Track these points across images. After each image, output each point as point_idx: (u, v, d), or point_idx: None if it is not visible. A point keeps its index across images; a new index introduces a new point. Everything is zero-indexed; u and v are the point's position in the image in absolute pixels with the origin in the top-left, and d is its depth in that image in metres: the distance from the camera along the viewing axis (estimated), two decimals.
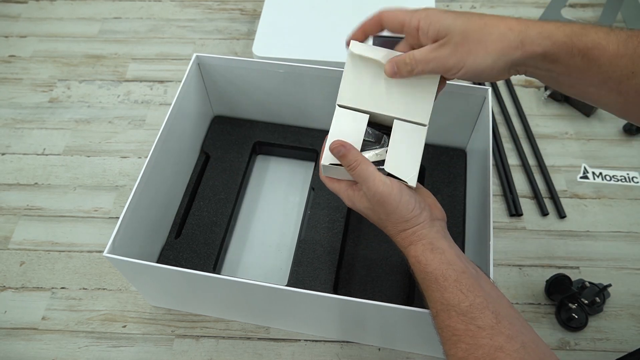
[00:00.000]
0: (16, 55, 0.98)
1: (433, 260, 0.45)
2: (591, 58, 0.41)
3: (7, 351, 0.66)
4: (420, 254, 0.45)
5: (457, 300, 0.42)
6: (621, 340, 0.66)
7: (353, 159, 0.46)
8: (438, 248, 0.45)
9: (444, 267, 0.44)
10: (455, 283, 0.43)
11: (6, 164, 0.83)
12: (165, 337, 0.66)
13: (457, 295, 0.42)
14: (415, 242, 0.46)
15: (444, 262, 0.44)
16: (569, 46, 0.41)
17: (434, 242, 0.46)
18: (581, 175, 0.81)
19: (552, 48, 0.41)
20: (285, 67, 0.70)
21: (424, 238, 0.46)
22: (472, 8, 1.04)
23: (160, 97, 0.91)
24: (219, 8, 1.05)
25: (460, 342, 0.41)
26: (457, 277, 0.43)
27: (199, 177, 0.75)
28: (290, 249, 0.72)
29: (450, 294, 0.43)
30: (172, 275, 0.56)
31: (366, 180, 0.46)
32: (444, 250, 0.45)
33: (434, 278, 0.44)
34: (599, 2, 1.03)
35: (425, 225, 0.47)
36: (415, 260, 0.46)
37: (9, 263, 0.73)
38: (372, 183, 0.46)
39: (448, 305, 0.42)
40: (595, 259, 0.72)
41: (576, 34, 0.41)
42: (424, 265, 0.45)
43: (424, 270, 0.45)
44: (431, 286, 0.44)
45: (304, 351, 0.65)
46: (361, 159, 0.47)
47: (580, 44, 0.41)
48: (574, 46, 0.41)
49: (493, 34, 0.42)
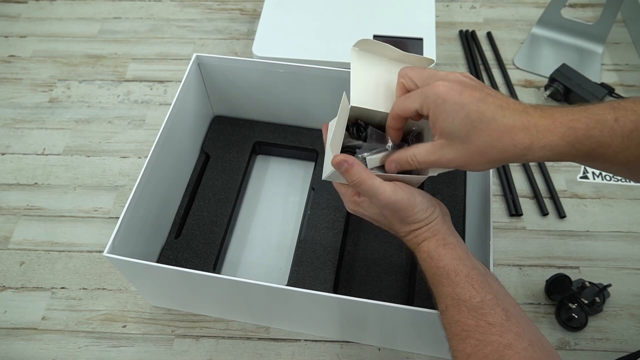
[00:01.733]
0: (16, 55, 0.98)
1: (445, 256, 0.45)
2: (595, 156, 0.41)
3: (7, 351, 0.66)
4: (433, 249, 0.46)
5: (469, 296, 0.42)
6: (621, 340, 0.66)
7: (357, 175, 0.46)
8: (450, 243, 0.46)
9: (455, 262, 0.44)
10: (467, 278, 0.43)
11: (6, 164, 0.83)
12: (165, 337, 0.66)
13: (468, 291, 0.43)
14: (429, 238, 0.47)
15: (455, 258, 0.45)
16: (572, 153, 0.41)
17: (447, 238, 0.46)
18: (581, 175, 0.81)
19: (555, 157, 0.41)
20: (285, 67, 0.70)
21: (438, 233, 0.46)
22: (472, 8, 1.04)
23: (160, 97, 0.91)
24: (219, 8, 1.05)
25: (469, 338, 0.41)
26: (468, 272, 0.44)
27: (199, 177, 0.75)
28: (290, 249, 0.72)
29: (462, 289, 0.43)
30: (172, 275, 0.56)
31: (375, 195, 0.46)
32: (455, 245, 0.46)
33: (446, 273, 0.44)
34: (599, 2, 1.03)
35: (439, 221, 0.47)
36: (427, 256, 0.46)
37: (9, 263, 0.73)
38: (381, 196, 0.46)
39: (459, 300, 0.43)
40: (595, 259, 0.72)
41: (580, 139, 0.40)
42: (436, 261, 0.45)
43: (436, 265, 0.45)
44: (442, 281, 0.44)
45: (304, 351, 0.65)
46: (365, 176, 0.45)
47: (584, 149, 0.40)
48: (578, 151, 0.41)
49: (496, 148, 0.41)
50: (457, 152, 0.43)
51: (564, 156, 0.41)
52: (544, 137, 0.40)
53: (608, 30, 0.92)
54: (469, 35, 0.99)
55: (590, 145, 0.40)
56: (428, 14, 0.88)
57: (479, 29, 1.00)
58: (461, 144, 0.42)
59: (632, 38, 0.98)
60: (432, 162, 0.45)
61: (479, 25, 1.01)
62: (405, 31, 0.85)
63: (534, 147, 0.41)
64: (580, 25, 0.94)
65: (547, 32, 0.97)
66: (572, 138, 0.40)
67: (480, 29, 1.01)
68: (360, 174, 0.45)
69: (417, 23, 0.87)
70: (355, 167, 0.46)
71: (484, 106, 0.41)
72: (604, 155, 0.40)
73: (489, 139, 0.41)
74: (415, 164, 0.46)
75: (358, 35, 0.85)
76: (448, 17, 1.03)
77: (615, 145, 0.40)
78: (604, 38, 0.93)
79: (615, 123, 0.40)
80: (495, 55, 0.96)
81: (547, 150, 0.41)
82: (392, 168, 0.48)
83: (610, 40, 0.96)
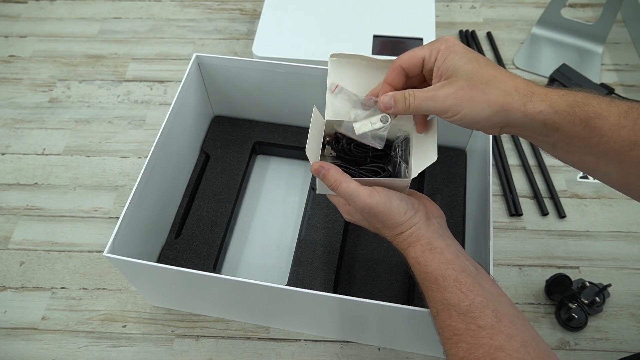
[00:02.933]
0: (16, 55, 0.98)
1: (432, 261, 0.45)
2: (593, 127, 0.41)
3: (7, 351, 0.66)
4: (420, 255, 0.45)
5: (457, 300, 0.42)
6: (621, 340, 0.66)
7: (333, 179, 0.47)
8: (437, 248, 0.45)
9: (443, 266, 0.44)
10: (455, 282, 0.43)
11: (6, 164, 0.83)
12: (165, 337, 0.66)
13: (456, 295, 0.42)
14: (414, 244, 0.46)
15: (443, 262, 0.44)
16: (571, 115, 0.41)
17: (432, 242, 0.46)
18: (581, 175, 0.81)
19: (554, 116, 0.41)
20: (285, 67, 0.70)
21: (422, 238, 0.46)
22: (472, 8, 1.04)
23: (160, 97, 0.91)
24: (219, 8, 1.05)
25: (461, 342, 0.41)
26: (456, 276, 0.43)
27: (199, 177, 0.75)
28: (290, 249, 0.72)
29: (450, 294, 0.43)
30: (172, 275, 0.56)
31: (351, 197, 0.46)
32: (442, 249, 0.45)
33: (434, 278, 0.44)
34: (599, 2, 1.03)
35: (422, 226, 0.47)
36: (415, 262, 0.46)
37: (9, 263, 0.73)
38: (357, 199, 0.46)
39: (448, 305, 0.43)
40: (595, 259, 0.72)
41: (578, 103, 0.41)
42: (424, 266, 0.45)
43: (424, 271, 0.45)
44: (431, 286, 0.44)
45: (304, 351, 0.65)
46: (341, 179, 0.47)
47: (582, 114, 0.41)
48: (576, 115, 0.41)
49: (499, 88, 0.42)
50: (457, 89, 0.43)
51: (564, 118, 0.41)
52: (544, 93, 0.42)
53: (608, 30, 0.92)
54: (469, 35, 0.99)
55: (588, 113, 0.40)
56: (428, 14, 0.88)
57: (479, 29, 1.00)
58: (464, 80, 0.42)
59: (632, 38, 0.98)
60: (429, 97, 0.44)
61: (479, 25, 1.01)
62: (405, 31, 0.85)
63: (535, 98, 0.41)
64: (580, 25, 0.94)
65: (547, 32, 0.97)
66: (571, 100, 0.41)
67: (480, 29, 1.01)
68: (336, 177, 0.47)
69: (417, 23, 0.87)
70: (332, 171, 0.47)
71: (491, 61, 0.44)
72: (600, 129, 0.40)
73: (493, 80, 0.42)
74: (410, 99, 0.45)
75: (358, 35, 0.85)
76: (448, 17, 1.03)
77: (612, 120, 0.40)
78: (604, 38, 0.93)
79: (612, 101, 0.41)
80: (495, 55, 0.96)
81: (547, 105, 0.41)
82: (385, 101, 0.46)
83: (610, 40, 0.96)
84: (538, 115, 0.41)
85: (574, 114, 0.41)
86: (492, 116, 0.42)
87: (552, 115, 0.41)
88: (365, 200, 0.46)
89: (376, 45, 0.84)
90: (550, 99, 0.41)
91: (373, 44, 0.84)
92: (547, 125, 0.42)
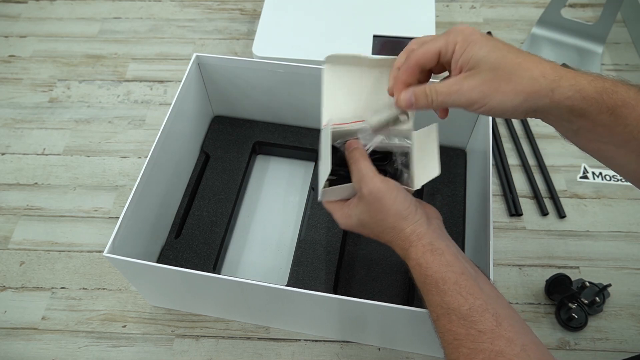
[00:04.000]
0: (16, 55, 0.98)
1: (433, 263, 0.44)
2: (619, 116, 0.39)
3: (7, 351, 0.66)
4: (421, 256, 0.45)
5: (457, 304, 0.42)
6: (621, 340, 0.66)
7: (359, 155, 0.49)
8: (437, 249, 0.45)
9: (443, 269, 0.44)
10: (455, 286, 0.43)
11: (6, 164, 0.83)
12: (165, 337, 0.66)
13: (456, 299, 0.42)
14: (415, 243, 0.46)
15: (443, 264, 0.44)
16: (598, 102, 0.40)
17: (434, 242, 0.45)
18: (581, 175, 0.81)
19: (582, 102, 0.40)
20: (285, 67, 0.70)
21: (423, 237, 0.46)
22: (472, 8, 1.04)
23: (160, 97, 0.91)
24: (219, 8, 1.05)
25: (461, 347, 0.41)
26: (456, 279, 0.43)
27: (198, 177, 0.75)
28: (290, 249, 0.72)
29: (450, 298, 0.42)
30: (172, 275, 0.56)
31: (364, 176, 0.47)
32: (443, 250, 0.45)
33: (434, 282, 0.44)
34: (599, 2, 1.03)
35: (423, 223, 0.47)
36: (416, 264, 0.45)
37: (9, 263, 0.73)
38: (369, 179, 0.47)
39: (448, 309, 0.42)
40: (595, 259, 0.72)
41: (607, 90, 0.40)
42: (425, 269, 0.45)
43: (424, 274, 0.45)
44: (431, 290, 0.44)
45: (304, 351, 0.65)
46: (365, 158, 0.48)
47: (610, 101, 0.39)
48: (604, 103, 0.39)
49: (525, 77, 0.40)
50: (483, 80, 0.41)
51: (591, 105, 0.40)
52: (573, 77, 0.40)
53: (608, 30, 0.92)
54: None
55: (616, 101, 0.39)
56: (428, 14, 0.88)
57: (479, 29, 1.00)
58: (489, 71, 0.41)
59: (632, 38, 0.98)
60: (453, 91, 0.42)
61: (479, 25, 1.01)
62: (405, 31, 0.85)
63: (563, 83, 0.40)
64: (580, 25, 0.94)
65: (547, 32, 0.97)
66: (600, 87, 0.40)
67: (480, 29, 1.00)
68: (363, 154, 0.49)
69: (417, 23, 0.87)
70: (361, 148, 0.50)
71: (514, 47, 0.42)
72: (626, 118, 0.39)
73: (519, 68, 0.40)
74: (432, 95, 0.44)
75: (358, 35, 0.85)
76: (448, 17, 1.03)
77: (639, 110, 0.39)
78: (604, 38, 0.93)
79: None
80: None
81: (576, 91, 0.39)
82: (407, 98, 0.45)
83: (610, 40, 0.96)
84: (565, 101, 0.40)
85: (602, 101, 0.39)
86: (519, 105, 0.41)
87: (579, 102, 0.40)
88: (377, 183, 0.47)
89: (376, 45, 0.84)
90: (579, 84, 0.40)
91: (373, 44, 0.84)
92: (573, 112, 0.40)
